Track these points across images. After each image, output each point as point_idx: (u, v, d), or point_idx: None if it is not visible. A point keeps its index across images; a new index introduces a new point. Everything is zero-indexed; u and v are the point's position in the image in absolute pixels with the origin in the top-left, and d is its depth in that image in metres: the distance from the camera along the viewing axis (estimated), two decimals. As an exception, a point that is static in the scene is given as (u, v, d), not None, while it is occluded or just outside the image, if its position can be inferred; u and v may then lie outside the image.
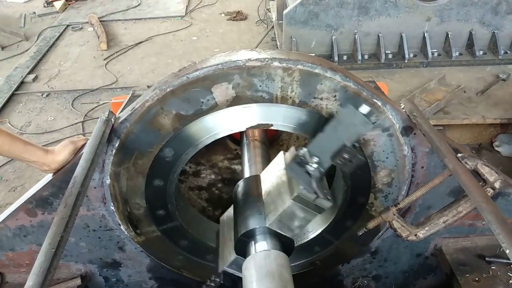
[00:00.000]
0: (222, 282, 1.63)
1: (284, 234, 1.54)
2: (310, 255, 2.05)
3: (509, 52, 4.49)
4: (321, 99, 1.56)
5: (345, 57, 4.48)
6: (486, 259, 1.98)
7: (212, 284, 1.65)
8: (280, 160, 1.63)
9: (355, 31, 4.35)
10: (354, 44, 4.41)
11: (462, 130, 3.92)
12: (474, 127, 3.91)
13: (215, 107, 1.56)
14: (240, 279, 1.53)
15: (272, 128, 1.65)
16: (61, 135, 4.59)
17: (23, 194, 1.83)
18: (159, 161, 1.66)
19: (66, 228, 1.15)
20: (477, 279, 1.92)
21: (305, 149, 1.43)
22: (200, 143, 1.65)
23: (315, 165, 1.42)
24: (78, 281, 2.00)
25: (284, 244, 1.56)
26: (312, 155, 1.42)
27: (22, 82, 5.54)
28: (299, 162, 1.43)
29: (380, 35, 4.37)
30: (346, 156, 1.40)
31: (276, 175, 1.61)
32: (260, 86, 1.53)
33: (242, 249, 1.57)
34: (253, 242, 1.55)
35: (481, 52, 4.46)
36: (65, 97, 5.26)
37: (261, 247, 1.52)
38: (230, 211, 1.81)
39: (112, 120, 1.61)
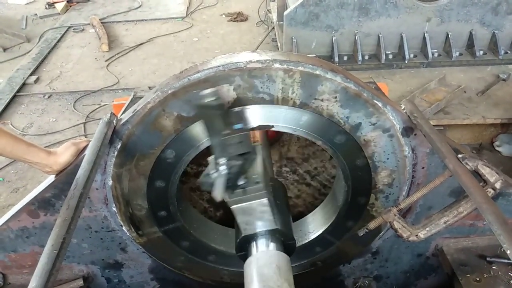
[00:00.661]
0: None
1: (270, 228, 1.54)
2: (311, 256, 2.05)
3: (509, 52, 4.50)
4: (322, 100, 1.57)
5: (345, 58, 4.49)
6: (487, 259, 1.98)
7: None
8: None
9: (356, 31, 4.36)
10: (355, 44, 4.42)
11: (462, 130, 3.92)
12: (475, 127, 3.92)
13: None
14: None
15: (273, 129, 1.66)
16: (62, 136, 4.60)
17: (25, 195, 1.84)
18: (161, 162, 1.67)
19: (69, 230, 1.16)
20: (478, 279, 1.92)
21: (211, 159, 1.44)
22: (201, 144, 1.66)
23: (224, 166, 1.41)
24: (80, 282, 2.01)
25: (286, 244, 1.57)
26: (218, 159, 1.41)
27: (24, 84, 5.56)
28: (206, 175, 1.44)
29: (380, 35, 4.37)
30: (233, 141, 1.39)
31: None
32: (261, 87, 1.54)
33: (244, 249, 1.58)
34: (254, 242, 1.56)
35: (481, 52, 4.47)
36: (67, 99, 5.27)
37: (262, 247, 1.53)
38: None
39: (114, 122, 1.62)
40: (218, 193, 1.40)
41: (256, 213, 1.51)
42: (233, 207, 1.48)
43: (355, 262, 2.14)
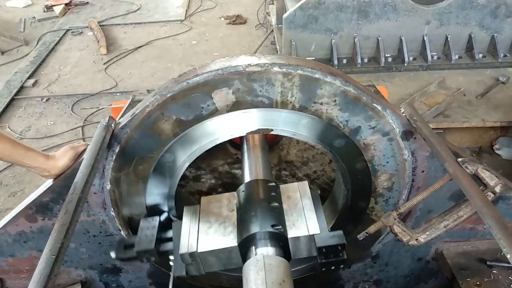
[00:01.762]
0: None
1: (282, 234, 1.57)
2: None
3: (508, 55, 4.50)
4: (321, 104, 1.56)
5: (344, 61, 4.48)
6: (487, 263, 1.97)
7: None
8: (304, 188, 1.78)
9: (355, 34, 4.36)
10: (354, 47, 4.42)
11: (462, 133, 3.92)
12: (474, 130, 3.91)
13: (215, 112, 1.56)
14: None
15: (272, 133, 1.65)
16: (60, 139, 4.59)
17: (23, 199, 1.83)
18: (160, 166, 1.66)
19: (67, 235, 1.15)
20: (478, 283, 1.91)
21: None
22: (200, 148, 1.65)
23: None
24: (78, 287, 2.00)
25: (284, 248, 1.56)
26: None
27: (22, 87, 5.55)
28: None
29: (379, 38, 4.38)
30: None
31: (297, 200, 1.74)
32: (260, 91, 1.53)
33: (244, 250, 1.57)
34: (253, 247, 1.55)
35: (480, 55, 4.47)
36: (65, 102, 5.26)
37: (262, 251, 1.52)
38: (219, 197, 1.84)
39: (112, 125, 1.61)
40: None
41: (218, 258, 1.61)
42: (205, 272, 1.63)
43: (355, 266, 2.13)
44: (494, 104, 3.91)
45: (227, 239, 1.59)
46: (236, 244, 1.57)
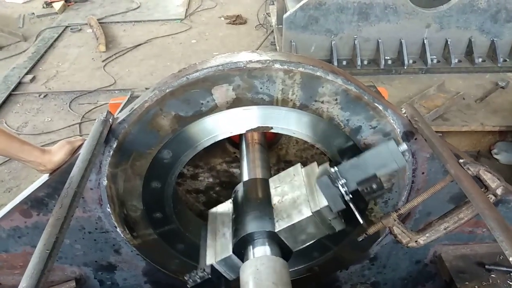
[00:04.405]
0: (209, 276, 1.60)
1: (286, 243, 1.54)
2: (308, 261, 2.02)
3: (508, 60, 4.50)
4: (322, 102, 1.55)
5: (344, 62, 4.47)
6: (486, 266, 1.96)
7: (198, 276, 1.61)
8: (298, 171, 1.66)
9: (355, 36, 4.34)
10: (354, 49, 4.40)
11: (460, 137, 3.91)
12: (473, 134, 3.90)
13: (214, 109, 1.54)
14: (224, 277, 1.59)
15: (272, 131, 1.64)
16: (58, 136, 4.56)
17: (18, 195, 1.80)
18: (157, 162, 1.64)
19: (62, 229, 1.13)
20: (476, 287, 1.90)
21: (336, 168, 1.46)
22: (199, 145, 1.64)
23: (341, 187, 1.44)
24: (72, 284, 1.97)
25: (283, 249, 1.54)
26: (340, 175, 1.44)
27: (19, 83, 5.51)
28: (331, 179, 1.44)
29: (379, 40, 4.36)
30: (373, 186, 1.44)
31: (293, 184, 1.62)
32: (261, 88, 1.52)
33: (241, 251, 1.55)
34: (251, 246, 1.53)
35: (480, 60, 4.46)
36: (63, 98, 5.23)
37: (260, 251, 1.50)
38: (223, 206, 1.81)
39: (110, 120, 1.59)
40: (332, 204, 1.46)
41: (305, 233, 1.54)
42: (310, 215, 1.50)
43: (352, 268, 2.11)
44: (493, 108, 3.90)
45: (226, 250, 1.62)
46: (230, 253, 1.58)
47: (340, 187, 1.44)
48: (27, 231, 1.79)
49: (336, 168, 1.46)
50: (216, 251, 1.64)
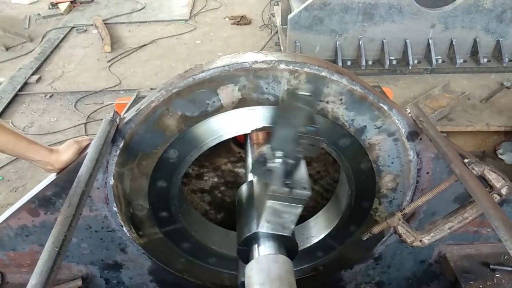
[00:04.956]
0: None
1: (282, 234, 1.52)
2: (313, 260, 2.03)
3: (513, 60, 4.48)
4: (327, 102, 1.56)
5: (349, 63, 4.47)
6: (491, 266, 1.96)
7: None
8: None
9: (360, 36, 4.34)
10: (358, 49, 4.40)
11: (466, 137, 3.90)
12: (478, 135, 3.89)
13: (220, 109, 1.56)
14: None
15: (277, 131, 1.64)
16: (63, 136, 4.59)
17: (24, 194, 1.82)
18: (163, 162, 1.65)
19: (70, 228, 1.15)
20: (481, 286, 1.90)
21: (267, 146, 1.39)
22: (204, 145, 1.65)
23: (280, 159, 1.37)
24: (79, 283, 1.99)
25: (288, 248, 1.55)
26: (275, 150, 1.37)
27: (25, 83, 5.55)
28: (261, 161, 1.38)
29: (384, 41, 4.36)
30: (306, 141, 1.35)
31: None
32: (266, 88, 1.53)
33: (246, 250, 1.56)
34: (256, 245, 1.54)
35: (485, 60, 4.44)
36: (68, 99, 5.26)
37: (265, 250, 1.51)
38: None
39: (117, 120, 1.61)
40: (277, 182, 1.37)
41: (283, 216, 1.48)
42: (270, 201, 1.43)
43: (357, 267, 2.12)
44: (498, 108, 3.89)
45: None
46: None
47: (276, 162, 1.37)
48: (34, 229, 1.81)
49: (267, 146, 1.39)
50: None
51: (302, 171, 1.48)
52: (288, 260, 1.48)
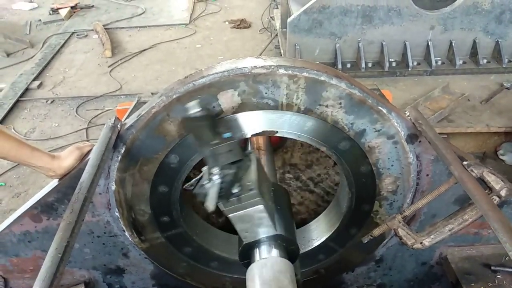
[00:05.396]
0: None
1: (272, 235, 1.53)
2: (314, 263, 2.04)
3: (512, 60, 4.50)
4: (327, 106, 1.57)
5: (348, 65, 4.49)
6: (492, 268, 1.97)
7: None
8: None
9: (359, 39, 4.36)
10: (358, 52, 4.42)
11: (466, 138, 3.91)
12: (478, 136, 3.90)
13: (220, 114, 1.57)
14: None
15: (277, 135, 1.66)
16: (65, 141, 4.60)
17: (27, 200, 1.83)
18: (165, 167, 1.66)
19: (73, 234, 1.16)
20: (482, 288, 1.91)
21: (204, 168, 1.45)
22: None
23: (217, 175, 1.41)
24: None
25: (288, 251, 1.56)
26: (211, 169, 1.42)
27: (27, 89, 5.57)
28: (200, 185, 1.44)
29: (383, 43, 4.38)
30: (223, 150, 1.41)
31: None
32: (266, 93, 1.54)
33: (247, 256, 1.57)
34: (257, 249, 1.55)
35: (485, 61, 4.46)
36: (70, 104, 5.28)
37: (264, 254, 1.52)
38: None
39: (118, 126, 1.62)
40: (210, 204, 1.39)
41: (254, 220, 1.49)
42: (229, 216, 1.47)
43: (358, 270, 2.12)
44: (498, 109, 3.90)
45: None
46: (275, 231, 1.52)
47: (214, 178, 1.41)
48: (37, 235, 1.82)
49: (204, 169, 1.45)
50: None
51: (252, 173, 1.49)
52: (288, 263, 1.49)
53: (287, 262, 1.50)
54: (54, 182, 1.73)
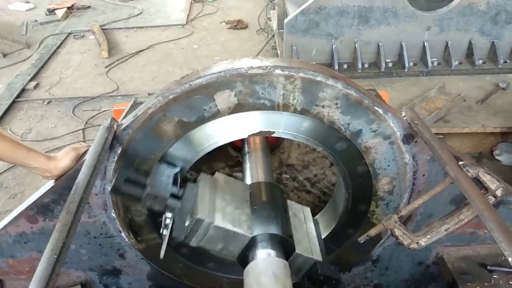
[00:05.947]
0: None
1: (273, 233, 1.56)
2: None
3: (508, 61, 4.52)
4: (323, 106, 1.57)
5: (345, 66, 4.50)
6: (488, 267, 1.97)
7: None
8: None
9: (355, 40, 4.38)
10: (354, 52, 4.43)
11: (462, 138, 3.92)
12: (474, 136, 3.92)
13: (217, 114, 1.57)
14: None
15: (273, 135, 1.66)
16: (61, 142, 4.60)
17: (23, 201, 1.82)
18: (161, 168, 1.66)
19: (68, 235, 1.15)
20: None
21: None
22: (202, 150, 1.66)
23: (169, 218, 1.54)
24: (78, 289, 1.99)
25: (286, 251, 1.56)
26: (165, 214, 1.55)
27: (23, 90, 5.57)
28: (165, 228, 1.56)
29: (380, 44, 4.39)
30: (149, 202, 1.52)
31: None
32: (262, 93, 1.54)
33: (244, 257, 1.57)
34: (255, 248, 1.55)
35: (480, 61, 4.48)
36: (66, 105, 5.28)
37: (261, 254, 1.52)
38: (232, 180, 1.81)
39: (115, 126, 1.62)
40: (162, 252, 1.54)
41: (221, 238, 1.55)
42: (201, 244, 1.56)
43: (355, 270, 2.13)
44: (494, 110, 3.92)
45: (242, 225, 1.56)
46: (249, 235, 1.54)
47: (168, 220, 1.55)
48: (33, 236, 1.82)
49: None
50: (225, 215, 1.57)
51: (195, 199, 1.57)
52: (284, 262, 1.50)
53: (283, 261, 1.50)
54: (50, 183, 1.73)
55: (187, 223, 1.51)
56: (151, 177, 1.52)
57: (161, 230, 1.55)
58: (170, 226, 1.53)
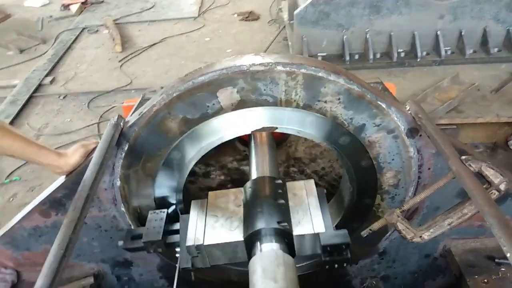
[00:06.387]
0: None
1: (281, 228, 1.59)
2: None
3: (525, 49, 4.41)
4: (325, 102, 1.58)
5: (356, 56, 4.46)
6: (496, 260, 1.96)
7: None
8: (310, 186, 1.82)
9: (367, 30, 4.33)
10: (366, 43, 4.39)
11: (476, 129, 3.86)
12: (488, 126, 3.85)
13: (220, 111, 1.59)
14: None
15: (277, 131, 1.68)
16: (77, 136, 4.68)
17: (41, 194, 1.89)
18: (168, 163, 1.70)
19: (75, 231, 1.20)
20: (486, 280, 1.90)
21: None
22: (207, 145, 1.68)
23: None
24: (91, 280, 2.05)
25: (289, 244, 1.58)
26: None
27: (40, 85, 5.66)
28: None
29: (392, 33, 4.34)
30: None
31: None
32: (264, 90, 1.56)
33: (249, 247, 1.60)
34: (259, 242, 1.57)
35: (495, 50, 4.39)
36: (81, 99, 5.35)
37: (267, 247, 1.55)
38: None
39: (121, 124, 1.66)
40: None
41: (223, 251, 1.63)
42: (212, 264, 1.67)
43: (362, 262, 2.14)
44: (509, 99, 3.84)
45: (233, 233, 1.62)
46: (242, 238, 1.59)
47: None
48: (46, 230, 1.88)
49: None
50: (215, 231, 1.65)
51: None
52: (288, 256, 1.52)
53: (287, 256, 1.52)
54: (62, 179, 1.79)
55: (184, 253, 1.62)
56: (145, 227, 1.68)
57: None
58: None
